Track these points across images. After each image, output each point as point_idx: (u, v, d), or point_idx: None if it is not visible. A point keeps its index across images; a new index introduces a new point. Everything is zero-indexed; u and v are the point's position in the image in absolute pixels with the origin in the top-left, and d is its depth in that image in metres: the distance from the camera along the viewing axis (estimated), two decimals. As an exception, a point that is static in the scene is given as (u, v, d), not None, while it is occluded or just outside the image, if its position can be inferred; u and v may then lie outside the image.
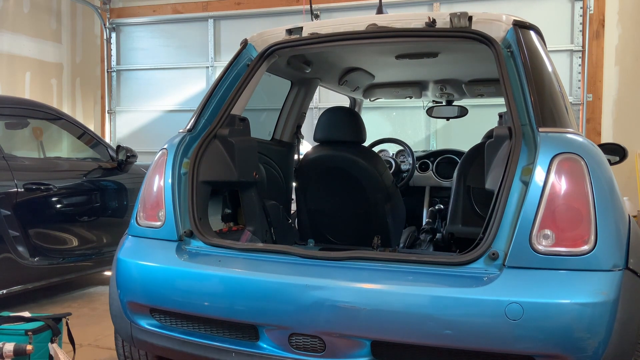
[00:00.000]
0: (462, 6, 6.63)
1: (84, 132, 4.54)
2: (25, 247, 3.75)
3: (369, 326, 1.84)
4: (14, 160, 3.82)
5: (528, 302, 1.71)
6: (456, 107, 4.20)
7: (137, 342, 2.30)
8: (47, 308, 4.01)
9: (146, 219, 2.35)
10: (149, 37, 8.30)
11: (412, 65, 3.27)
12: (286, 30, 2.61)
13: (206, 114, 2.55)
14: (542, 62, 2.26)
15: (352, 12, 7.02)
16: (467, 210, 2.98)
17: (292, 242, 3.15)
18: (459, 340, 1.76)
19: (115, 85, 8.45)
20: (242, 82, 2.58)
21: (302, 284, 1.95)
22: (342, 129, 3.04)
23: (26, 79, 7.44)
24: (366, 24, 2.49)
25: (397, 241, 3.24)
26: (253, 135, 2.85)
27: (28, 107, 4.20)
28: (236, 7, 7.74)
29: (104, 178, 4.43)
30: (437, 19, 2.38)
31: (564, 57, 6.51)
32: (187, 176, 2.36)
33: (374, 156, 3.16)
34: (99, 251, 4.35)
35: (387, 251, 2.71)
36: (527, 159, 1.93)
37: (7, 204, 3.64)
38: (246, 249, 2.23)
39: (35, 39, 7.54)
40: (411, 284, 1.86)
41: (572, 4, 6.52)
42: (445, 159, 4.35)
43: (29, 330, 2.44)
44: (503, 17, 2.33)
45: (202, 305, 2.08)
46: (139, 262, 2.25)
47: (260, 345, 2.02)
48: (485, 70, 3.22)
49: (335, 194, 3.12)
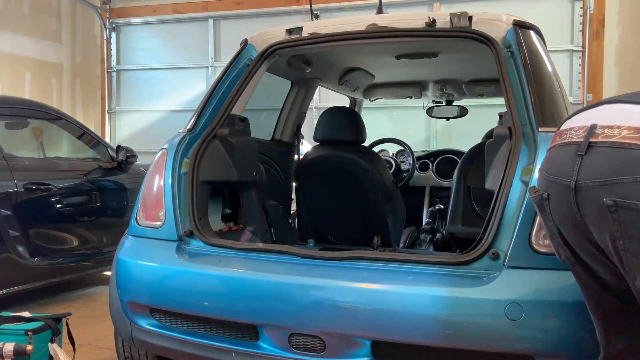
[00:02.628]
0: (462, 6, 6.63)
1: (84, 132, 4.54)
2: (25, 247, 3.75)
3: (369, 326, 1.85)
4: (14, 160, 3.82)
5: (528, 302, 1.71)
6: (456, 107, 4.20)
7: (137, 342, 2.30)
8: (47, 308, 4.01)
9: (146, 219, 2.35)
10: (149, 37, 8.29)
11: (412, 65, 3.27)
12: (286, 30, 2.61)
13: (206, 114, 2.55)
14: (542, 62, 2.26)
15: (352, 12, 7.01)
16: (467, 210, 2.98)
17: (292, 242, 3.15)
18: (459, 340, 1.76)
19: (115, 85, 8.44)
20: (242, 82, 2.58)
21: (302, 284, 1.95)
22: (342, 129, 3.04)
23: (26, 79, 7.44)
24: (366, 24, 2.49)
25: (397, 241, 3.24)
26: (253, 135, 2.85)
27: (28, 107, 4.20)
28: (236, 7, 7.74)
29: (104, 178, 4.43)
30: (437, 19, 2.38)
31: (564, 57, 6.50)
32: (187, 176, 2.36)
33: (374, 156, 3.16)
34: (99, 251, 4.34)
35: (387, 251, 2.71)
36: (527, 159, 1.93)
37: (7, 204, 3.64)
38: (246, 249, 2.23)
39: (35, 39, 7.54)
40: (411, 284, 1.86)
41: (572, 4, 6.52)
42: (445, 159, 4.34)
43: (29, 330, 2.43)
44: (503, 17, 2.33)
45: (202, 305, 2.08)
46: (139, 262, 2.25)
47: (260, 345, 2.02)
48: (485, 70, 3.22)
49: (335, 194, 3.12)
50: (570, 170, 1.26)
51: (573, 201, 1.27)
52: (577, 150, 1.26)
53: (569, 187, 1.26)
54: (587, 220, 1.26)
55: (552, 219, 1.37)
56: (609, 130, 1.23)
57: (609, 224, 1.20)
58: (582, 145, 1.26)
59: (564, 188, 1.28)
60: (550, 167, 1.35)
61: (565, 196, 1.28)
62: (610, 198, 1.18)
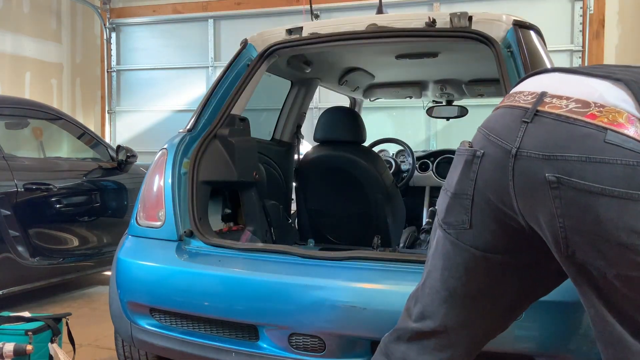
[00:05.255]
0: (462, 6, 6.63)
1: (84, 132, 4.54)
2: (25, 247, 3.75)
3: (369, 326, 1.84)
4: (14, 160, 3.82)
5: (528, 302, 1.71)
6: (456, 107, 4.20)
7: (137, 342, 2.30)
8: (47, 308, 4.01)
9: (146, 219, 2.35)
10: (149, 37, 8.29)
11: (412, 65, 3.27)
12: (286, 30, 2.61)
13: (206, 114, 2.55)
14: (542, 62, 2.26)
15: (352, 12, 7.01)
16: None
17: (292, 242, 3.15)
18: (459, 340, 1.76)
19: (115, 85, 8.44)
20: (242, 82, 2.58)
21: (302, 284, 1.95)
22: (342, 129, 3.04)
23: (26, 79, 7.44)
24: (366, 24, 2.49)
25: (397, 241, 3.24)
26: (253, 135, 2.85)
27: (28, 107, 4.20)
28: (236, 7, 7.74)
29: (104, 178, 4.43)
30: (437, 19, 2.38)
31: (564, 57, 6.50)
32: (187, 176, 2.36)
33: (374, 156, 3.16)
34: (99, 251, 4.34)
35: (387, 251, 2.71)
36: (527, 158, 1.93)
37: (7, 204, 3.64)
38: (246, 249, 2.23)
39: (35, 39, 7.54)
40: (411, 284, 1.86)
41: (572, 4, 6.52)
42: (445, 159, 4.35)
43: (29, 330, 2.43)
44: (503, 17, 2.33)
45: (202, 305, 2.08)
46: (139, 262, 2.25)
47: (260, 345, 2.02)
48: (485, 70, 3.22)
49: (335, 194, 3.13)
50: (514, 136, 1.19)
51: (510, 167, 1.19)
52: (523, 117, 1.20)
53: (509, 152, 1.19)
54: (517, 190, 1.19)
55: (474, 179, 1.27)
56: (557, 100, 1.18)
57: (547, 200, 1.14)
58: (528, 112, 1.19)
59: (503, 151, 1.21)
60: (492, 127, 1.27)
61: (502, 160, 1.21)
62: (553, 174, 1.13)
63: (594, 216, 1.11)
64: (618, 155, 1.09)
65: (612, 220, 1.09)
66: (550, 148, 1.14)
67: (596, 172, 1.10)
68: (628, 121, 1.12)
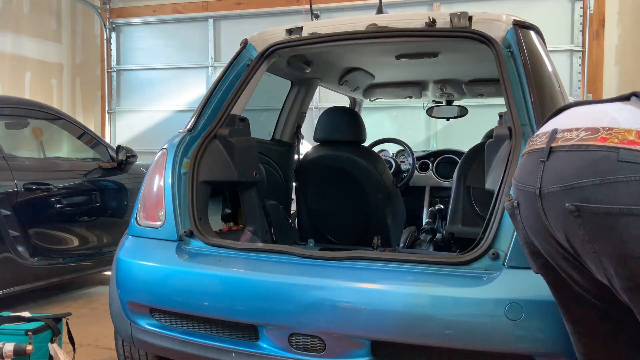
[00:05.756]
0: (462, 6, 6.63)
1: (84, 132, 4.54)
2: (25, 247, 3.75)
3: (369, 326, 1.85)
4: (14, 160, 3.82)
5: (528, 302, 1.71)
6: (456, 107, 4.20)
7: (137, 342, 2.30)
8: (47, 308, 4.01)
9: (146, 219, 2.35)
10: (149, 37, 8.29)
11: (412, 65, 3.27)
12: (286, 30, 2.61)
13: (206, 114, 2.55)
14: (542, 62, 2.26)
15: (352, 12, 7.01)
16: (467, 210, 2.98)
17: (292, 242, 3.15)
18: (459, 340, 1.76)
19: (115, 85, 8.44)
20: (242, 82, 2.58)
21: (302, 284, 1.95)
22: (342, 129, 3.04)
23: (26, 79, 7.44)
24: (366, 24, 2.49)
25: (397, 241, 3.24)
26: (253, 135, 2.85)
27: (28, 107, 4.20)
28: (236, 7, 7.74)
29: (104, 178, 4.43)
30: (437, 19, 2.38)
31: (564, 57, 6.50)
32: (187, 176, 2.36)
33: (374, 156, 3.16)
34: (99, 251, 4.34)
35: (387, 251, 2.71)
36: (527, 159, 1.93)
37: (7, 204, 3.64)
38: (246, 249, 2.23)
39: (35, 39, 7.54)
40: (411, 284, 1.86)
41: (572, 4, 6.52)
42: (445, 159, 4.35)
43: (29, 330, 2.43)
44: (503, 17, 2.33)
45: (202, 305, 2.08)
46: (139, 262, 2.25)
47: (260, 345, 2.02)
48: (485, 70, 3.22)
49: (335, 194, 3.13)
50: (535, 177, 1.25)
51: (540, 208, 1.25)
52: (540, 157, 1.25)
53: (534, 194, 1.25)
54: (554, 227, 1.24)
55: (523, 227, 1.35)
56: (568, 133, 1.23)
57: (575, 229, 1.18)
58: (543, 151, 1.25)
59: (530, 195, 1.27)
60: (519, 175, 1.34)
61: (533, 203, 1.27)
62: (572, 203, 1.16)
63: (618, 237, 1.12)
64: (631, 172, 1.10)
65: (638, 238, 1.11)
66: (567, 178, 1.18)
67: (611, 193, 1.12)
68: (639, 137, 1.14)
